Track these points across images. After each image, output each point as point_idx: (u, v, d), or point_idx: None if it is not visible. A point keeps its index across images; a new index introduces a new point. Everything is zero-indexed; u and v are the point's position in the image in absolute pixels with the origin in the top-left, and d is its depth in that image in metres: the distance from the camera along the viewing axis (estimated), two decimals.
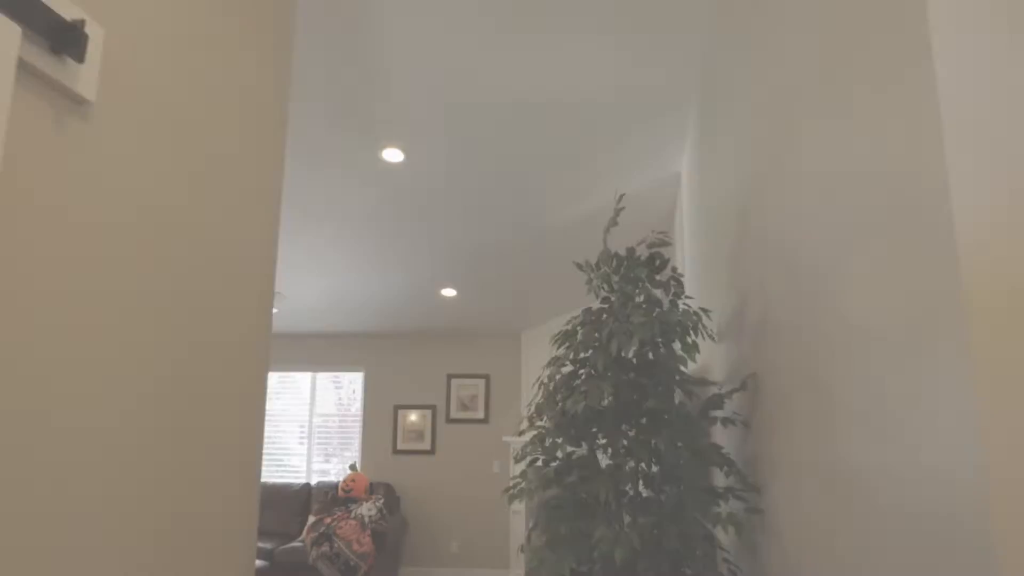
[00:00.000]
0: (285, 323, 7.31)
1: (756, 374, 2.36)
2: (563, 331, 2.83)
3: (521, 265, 5.80)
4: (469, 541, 7.04)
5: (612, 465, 2.56)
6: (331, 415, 7.51)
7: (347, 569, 5.96)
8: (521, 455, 2.80)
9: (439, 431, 7.33)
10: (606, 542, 2.30)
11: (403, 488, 7.22)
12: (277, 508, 6.90)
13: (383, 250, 5.60)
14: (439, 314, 6.92)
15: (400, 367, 7.48)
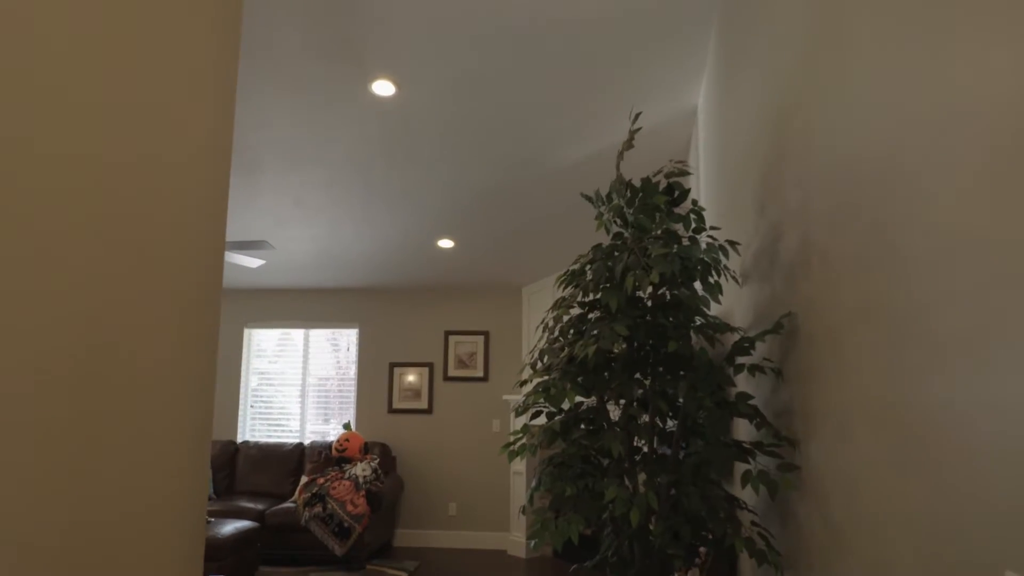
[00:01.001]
0: (275, 277, 7.02)
1: (793, 314, 2.07)
2: (570, 271, 2.54)
3: (523, 213, 5.48)
4: (468, 503, 6.85)
5: (625, 418, 2.28)
6: (330, 378, 7.26)
7: (340, 531, 5.76)
8: (522, 407, 2.53)
9: (436, 390, 7.09)
10: (621, 503, 2.03)
11: (399, 448, 7.01)
12: (269, 469, 6.70)
13: (375, 197, 5.28)
14: (436, 268, 6.62)
15: (396, 324, 7.21)
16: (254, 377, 7.40)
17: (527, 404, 2.61)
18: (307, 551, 5.82)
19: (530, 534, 2.20)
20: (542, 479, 2.49)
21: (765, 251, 2.45)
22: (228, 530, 5.00)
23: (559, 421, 2.30)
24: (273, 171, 4.97)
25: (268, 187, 5.20)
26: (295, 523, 5.83)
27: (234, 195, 5.29)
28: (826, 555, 1.76)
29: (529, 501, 2.57)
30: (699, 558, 2.56)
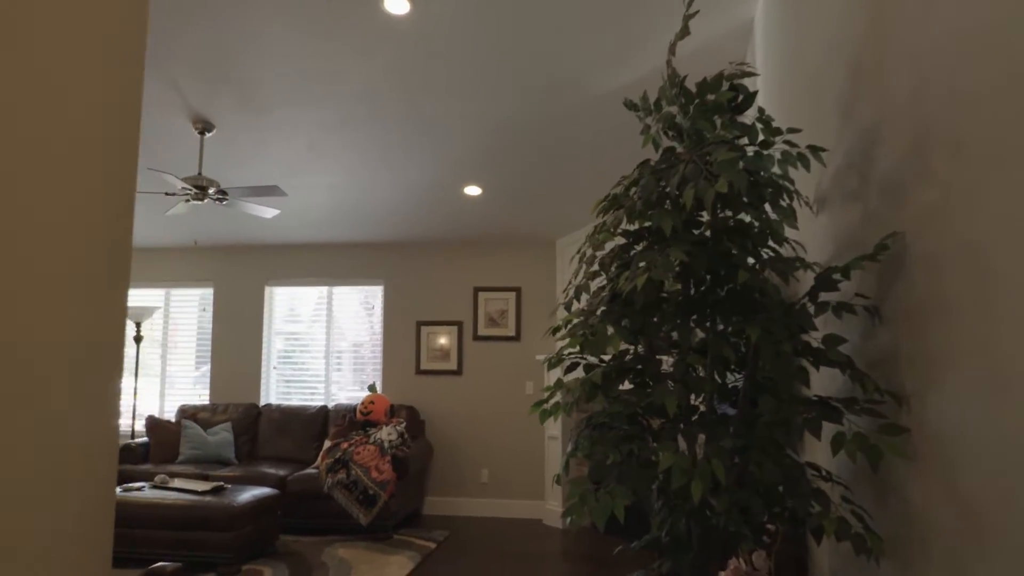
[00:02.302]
0: (295, 232, 6.71)
1: (900, 234, 1.63)
2: (610, 195, 2.12)
3: (556, 153, 5.03)
4: (500, 470, 6.55)
5: (681, 369, 1.88)
6: (363, 343, 6.96)
7: (365, 498, 5.49)
8: (556, 359, 2.14)
9: (466, 349, 6.75)
10: (679, 473, 1.64)
11: (427, 411, 6.71)
12: (292, 433, 6.46)
13: (392, 137, 4.88)
14: (463, 218, 6.23)
15: (423, 280, 6.87)
16: (278, 338, 7.14)
17: (562, 354, 2.22)
18: (331, 519, 5.57)
19: (566, 508, 1.81)
20: (579, 443, 2.11)
21: (853, 165, 2.00)
22: (245, 498, 4.75)
23: (600, 372, 1.90)
24: (281, 111, 4.60)
25: (278, 130, 4.83)
26: (318, 490, 5.58)
27: (241, 140, 4.94)
28: (953, 542, 1.35)
29: (564, 469, 2.20)
30: (766, 537, 2.17)
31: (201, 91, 4.40)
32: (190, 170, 5.31)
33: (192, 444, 6.22)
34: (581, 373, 5.22)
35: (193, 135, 4.91)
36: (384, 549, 5.21)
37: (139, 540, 4.63)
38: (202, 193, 4.75)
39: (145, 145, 5.09)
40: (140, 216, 6.40)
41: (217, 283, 7.22)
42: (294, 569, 4.68)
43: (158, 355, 7.31)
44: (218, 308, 7.18)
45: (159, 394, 7.28)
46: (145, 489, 4.95)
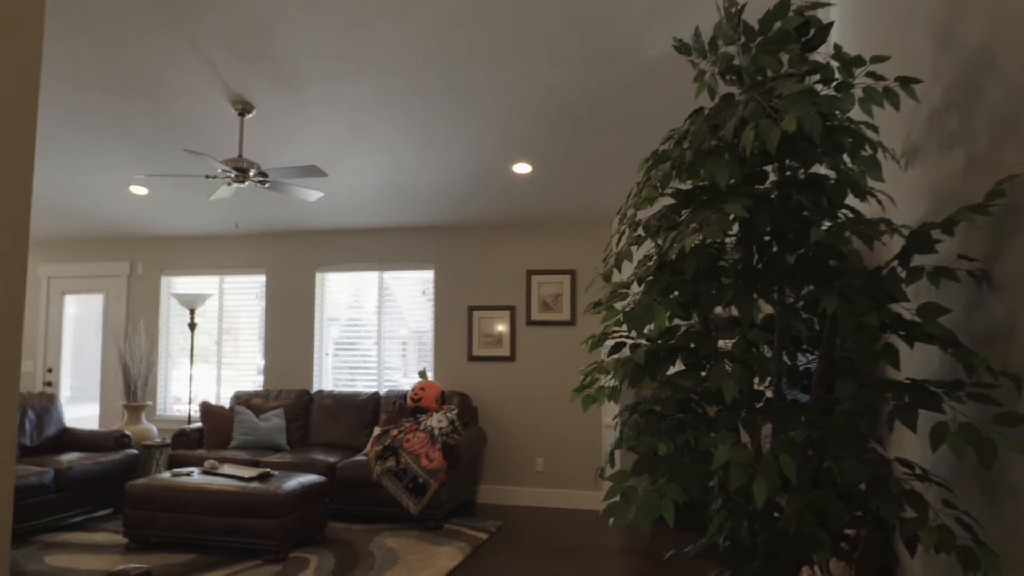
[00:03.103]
0: (344, 218, 6.58)
1: (1018, 178, 1.31)
2: (658, 151, 1.84)
3: (609, 125, 4.73)
4: (556, 458, 6.31)
5: (742, 347, 1.60)
6: (425, 331, 6.80)
7: (415, 487, 5.34)
8: (598, 338, 1.88)
9: (519, 335, 6.52)
10: (738, 471, 1.36)
11: (480, 398, 6.52)
12: (343, 419, 6.36)
13: (436, 112, 4.66)
14: (513, 198, 5.98)
15: (474, 264, 6.66)
16: (333, 325, 7.06)
17: (606, 332, 1.96)
18: (381, 507, 5.44)
19: (605, 508, 1.56)
20: (624, 433, 1.85)
21: (953, 104, 1.66)
22: (291, 485, 4.65)
23: (643, 352, 1.63)
24: (319, 87, 4.43)
25: (317, 109, 4.67)
26: (367, 477, 5.46)
27: (281, 121, 4.80)
28: None
29: (609, 461, 1.94)
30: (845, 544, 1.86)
31: (238, 70, 4.27)
32: (232, 153, 5.21)
33: (244, 430, 6.19)
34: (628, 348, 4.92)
35: (233, 117, 4.80)
36: (434, 539, 5.04)
37: (188, 525, 4.58)
38: (242, 175, 4.64)
39: (186, 128, 5.01)
40: (189, 204, 6.38)
41: (269, 270, 7.18)
42: (340, 557, 4.55)
43: (213, 341, 7.33)
44: (270, 295, 7.15)
45: (215, 380, 7.30)
46: (194, 474, 4.90)
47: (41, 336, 7.81)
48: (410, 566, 4.40)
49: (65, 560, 4.45)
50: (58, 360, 7.79)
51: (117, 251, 7.63)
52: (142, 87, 4.53)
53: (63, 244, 7.80)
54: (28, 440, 5.65)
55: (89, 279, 7.73)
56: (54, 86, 4.60)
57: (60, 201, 6.64)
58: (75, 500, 5.26)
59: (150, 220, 6.98)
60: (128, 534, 4.71)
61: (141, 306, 7.49)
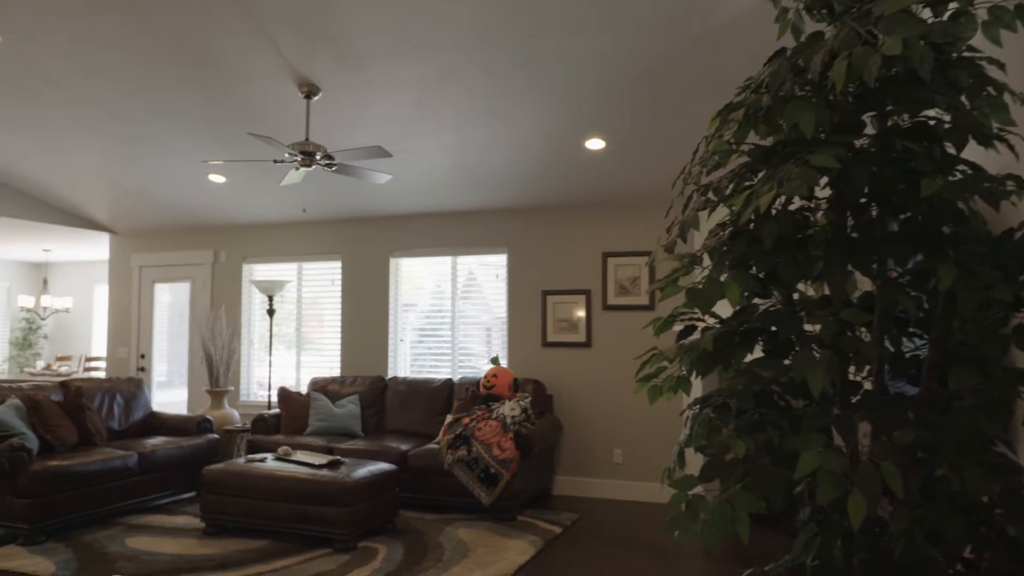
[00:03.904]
0: (416, 201, 6.49)
1: None
2: (732, 103, 1.57)
3: (689, 95, 4.40)
4: (635, 449, 6.04)
5: (834, 329, 1.33)
6: (503, 315, 6.66)
7: (486, 477, 5.19)
8: (665, 321, 1.64)
9: (595, 320, 6.27)
10: (828, 482, 1.10)
11: (555, 386, 6.32)
12: (417, 406, 6.29)
13: (502, 88, 4.46)
14: (587, 176, 5.71)
15: (547, 246, 6.45)
16: (410, 310, 7.00)
17: (675, 314, 1.72)
18: (453, 497, 5.33)
19: (668, 519, 1.33)
20: (693, 430, 1.61)
21: None
22: (360, 474, 4.58)
23: (711, 336, 1.38)
24: (382, 65, 4.30)
25: (381, 88, 4.55)
26: (439, 466, 5.35)
27: (347, 102, 4.71)
28: None
29: (677, 462, 1.70)
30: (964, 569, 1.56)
31: (302, 50, 4.19)
32: (299, 137, 5.17)
33: (320, 416, 6.20)
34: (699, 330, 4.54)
35: (300, 100, 4.74)
36: (506, 531, 4.88)
37: (261, 511, 4.59)
38: (309, 159, 4.57)
39: (253, 113, 4.99)
40: (266, 191, 6.42)
41: (344, 256, 7.18)
42: (409, 548, 4.45)
43: (293, 327, 7.41)
44: (346, 281, 7.15)
45: (295, 366, 7.38)
46: (267, 460, 4.91)
47: (134, 323, 8.10)
48: (479, 560, 4.25)
49: (144, 543, 4.54)
50: (150, 346, 8.07)
51: (202, 240, 7.81)
52: (210, 73, 4.52)
53: (152, 234, 8.05)
54: (116, 424, 5.83)
55: (177, 267, 7.96)
56: (130, 76, 4.65)
57: (146, 191, 6.82)
58: (158, 483, 5.38)
59: (231, 208, 7.09)
60: (205, 519, 4.76)
61: (224, 293, 7.65)
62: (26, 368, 10.67)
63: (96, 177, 6.61)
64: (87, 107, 5.17)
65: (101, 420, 5.62)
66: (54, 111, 5.29)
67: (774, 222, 1.36)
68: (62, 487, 4.63)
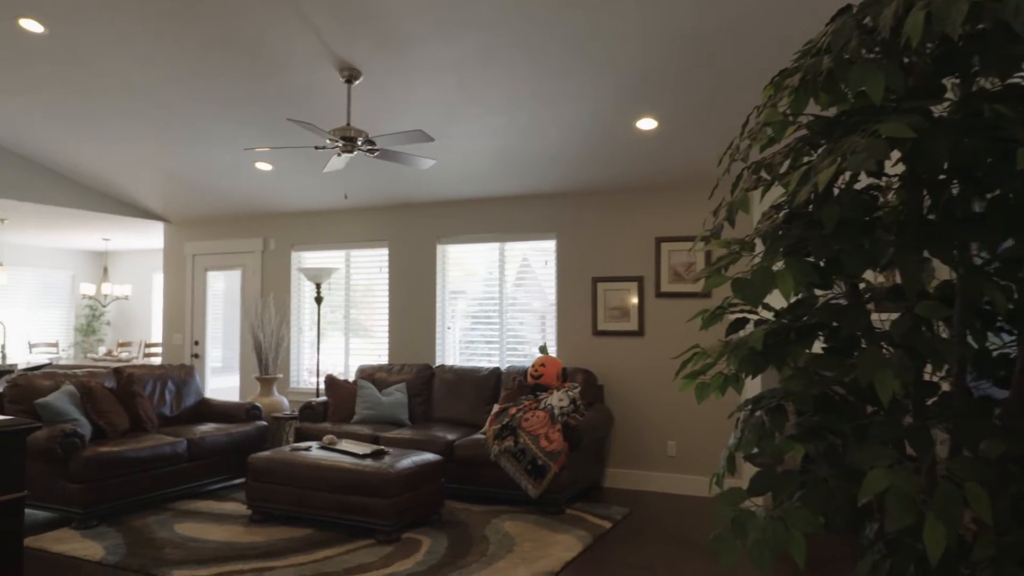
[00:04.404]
0: (460, 186, 6.39)
1: None
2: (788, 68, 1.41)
3: (746, 70, 4.17)
4: (690, 442, 5.86)
5: (906, 325, 1.16)
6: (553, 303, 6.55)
7: (534, 469, 5.09)
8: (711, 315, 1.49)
9: (648, 307, 6.08)
10: (900, 504, 0.95)
11: (606, 375, 6.16)
12: (465, 395, 6.22)
13: (547, 66, 4.30)
14: (638, 158, 5.52)
15: (598, 232, 6.27)
16: (459, 298, 6.93)
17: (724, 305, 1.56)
18: (500, 488, 5.25)
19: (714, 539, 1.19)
20: (744, 435, 1.46)
21: None
22: (404, 464, 4.53)
23: (761, 333, 1.23)
24: (423, 48, 4.19)
25: (423, 71, 4.45)
26: (486, 456, 5.27)
27: (388, 86, 4.63)
28: None
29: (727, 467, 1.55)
30: None
31: (342, 32, 4.11)
32: (342, 123, 5.12)
33: (367, 404, 6.19)
34: (751, 323, 4.26)
35: (341, 85, 4.68)
36: (554, 525, 4.78)
37: (305, 500, 4.59)
38: (350, 144, 4.51)
39: (295, 99, 4.95)
40: (312, 178, 6.42)
41: (391, 242, 7.15)
42: (453, 541, 4.39)
43: (342, 315, 7.43)
44: (393, 268, 7.12)
45: (344, 353, 7.41)
46: (312, 449, 4.91)
47: (188, 311, 8.26)
48: (524, 555, 4.16)
49: (192, 529, 4.59)
50: (203, 333, 8.22)
51: (251, 228, 7.89)
52: (252, 59, 4.49)
53: (204, 223, 8.17)
54: (168, 410, 5.93)
55: (228, 255, 8.06)
56: (174, 65, 4.66)
57: (196, 180, 6.90)
58: (207, 469, 5.45)
59: (278, 196, 7.13)
60: (251, 506, 4.79)
61: (274, 281, 7.71)
62: (89, 354, 11.04)
63: (148, 167, 6.72)
64: (134, 97, 5.22)
65: (153, 406, 5.72)
66: (104, 102, 5.37)
67: (836, 203, 1.20)
68: (113, 472, 4.71)
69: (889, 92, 1.18)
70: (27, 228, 9.31)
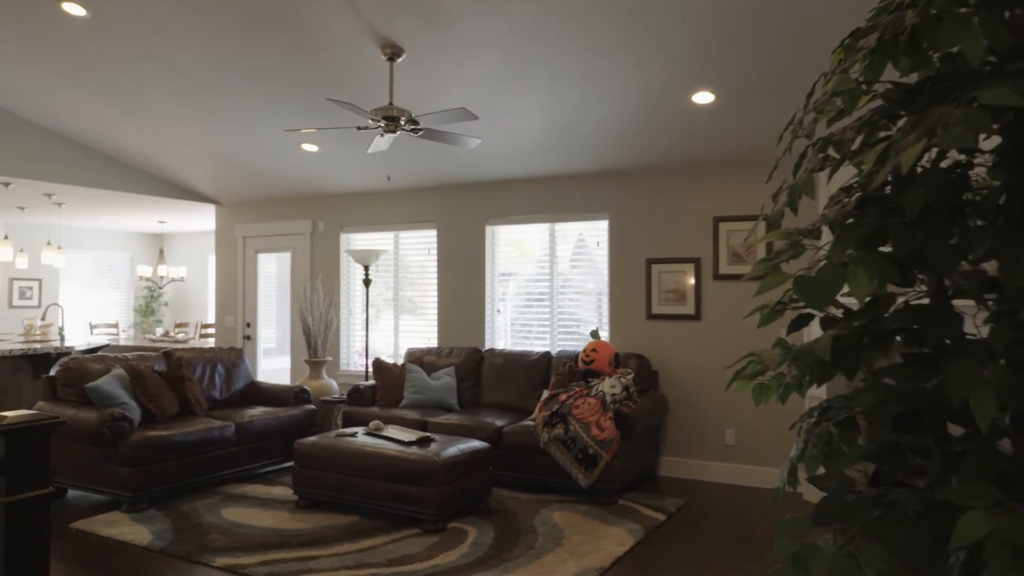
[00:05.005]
0: (508, 166, 6.25)
1: None
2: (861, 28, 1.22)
3: (812, 37, 3.90)
4: (749, 430, 5.64)
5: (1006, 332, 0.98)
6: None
7: (584, 457, 4.96)
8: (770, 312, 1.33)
9: (705, 290, 5.85)
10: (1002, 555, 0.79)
11: (660, 361, 5.97)
12: (514, 380, 6.11)
13: (597, 38, 4.10)
14: (695, 134, 5.27)
15: (652, 211, 6.05)
16: (511, 280, 6.82)
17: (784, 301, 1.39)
18: (550, 476, 5.14)
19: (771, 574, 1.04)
20: (808, 447, 1.29)
21: None
22: (450, 452, 4.46)
23: (829, 339, 1.06)
24: (468, 24, 4.05)
25: (469, 47, 4.30)
26: (536, 444, 5.16)
27: (432, 63, 4.50)
28: None
29: (789, 480, 1.39)
30: None
31: (383, 10, 4.00)
32: (384, 103, 5.01)
33: (415, 388, 6.15)
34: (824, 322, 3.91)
35: (383, 64, 4.57)
36: (605, 516, 4.66)
37: (350, 487, 4.57)
38: (393, 124, 4.41)
39: (337, 78, 4.87)
40: (359, 159, 6.36)
41: (440, 224, 7.06)
42: (500, 532, 4.31)
43: (391, 297, 7.41)
44: (441, 249, 7.05)
45: (393, 336, 7.39)
46: (358, 435, 4.88)
47: (240, 292, 8.36)
48: (573, 549, 4.05)
49: (239, 514, 4.62)
50: (255, 315, 8.31)
51: (300, 210, 7.92)
52: (293, 38, 4.42)
53: (254, 205, 8.24)
54: (218, 393, 6.00)
55: (278, 237, 8.12)
56: (216, 45, 4.63)
57: (243, 162, 6.93)
58: (256, 453, 5.49)
59: (325, 177, 7.11)
60: (297, 492, 4.80)
61: (323, 263, 7.73)
62: (147, 335, 11.34)
63: (195, 148, 6.77)
64: (179, 79, 5.23)
65: (202, 390, 5.79)
66: (149, 84, 5.39)
67: (920, 185, 1.02)
68: (162, 456, 4.78)
69: (987, 52, 0.99)
70: (84, 212, 9.57)
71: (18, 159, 6.45)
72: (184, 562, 3.85)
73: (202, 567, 3.78)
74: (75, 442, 4.73)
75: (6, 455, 1.85)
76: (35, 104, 6.11)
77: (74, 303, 11.41)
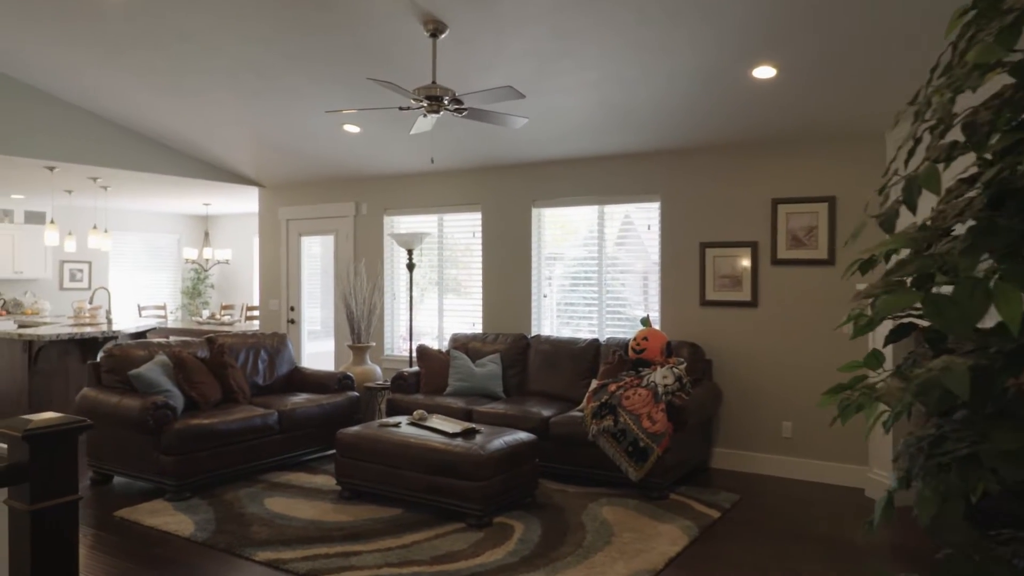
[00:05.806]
0: (555, 146, 6.05)
1: None
2: None
3: (885, 9, 3.62)
4: (808, 423, 5.40)
5: None
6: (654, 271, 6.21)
7: (635, 451, 4.81)
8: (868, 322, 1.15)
9: (762, 276, 5.60)
10: None
11: (714, 349, 5.75)
12: (561, 368, 5.96)
13: (645, 10, 3.88)
14: (754, 111, 5.00)
15: (707, 193, 5.80)
16: (556, 264, 6.67)
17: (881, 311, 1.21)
18: (599, 469, 4.99)
19: None
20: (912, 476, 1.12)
21: None
22: (495, 445, 4.34)
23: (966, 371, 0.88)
24: None
25: (515, 19, 4.12)
26: (584, 435, 5.02)
27: (478, 40, 4.33)
28: None
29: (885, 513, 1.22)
30: None
31: None
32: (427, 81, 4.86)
33: (459, 376, 6.05)
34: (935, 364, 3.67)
35: (425, 40, 4.41)
36: (656, 512, 4.50)
37: (393, 478, 4.50)
38: (436, 104, 4.26)
39: (378, 56, 4.74)
40: (402, 140, 6.23)
41: (484, 206, 6.92)
42: (547, 528, 4.20)
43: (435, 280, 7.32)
44: (486, 232, 6.91)
45: (438, 320, 7.30)
46: (402, 425, 4.80)
47: (283, 276, 8.36)
48: (623, 547, 3.91)
49: (281, 504, 4.59)
50: (299, 299, 8.31)
51: (343, 192, 7.85)
52: (333, 15, 4.30)
53: (296, 187, 8.20)
54: (261, 379, 5.99)
55: (321, 220, 8.07)
56: (254, 24, 4.54)
57: (285, 144, 6.87)
58: (299, 441, 5.47)
59: (368, 159, 7.02)
60: (340, 482, 4.75)
61: (367, 246, 7.67)
62: (194, 316, 11.49)
63: (236, 130, 6.73)
64: (219, 59, 5.16)
65: (245, 376, 5.78)
66: (189, 66, 5.33)
67: None
68: (204, 444, 4.77)
69: None
70: (130, 194, 9.67)
71: (62, 143, 6.50)
72: (225, 555, 3.82)
73: (244, 560, 3.74)
74: (119, 429, 4.75)
75: (31, 461, 1.78)
76: (77, 87, 6.13)
77: (123, 285, 11.61)
